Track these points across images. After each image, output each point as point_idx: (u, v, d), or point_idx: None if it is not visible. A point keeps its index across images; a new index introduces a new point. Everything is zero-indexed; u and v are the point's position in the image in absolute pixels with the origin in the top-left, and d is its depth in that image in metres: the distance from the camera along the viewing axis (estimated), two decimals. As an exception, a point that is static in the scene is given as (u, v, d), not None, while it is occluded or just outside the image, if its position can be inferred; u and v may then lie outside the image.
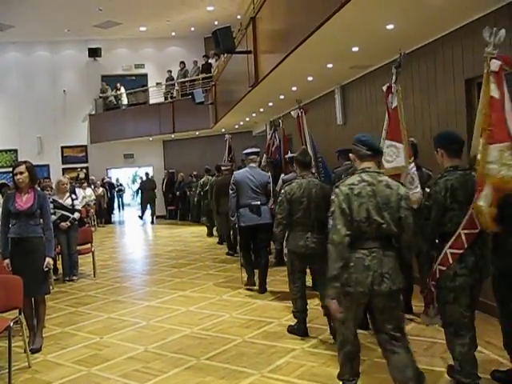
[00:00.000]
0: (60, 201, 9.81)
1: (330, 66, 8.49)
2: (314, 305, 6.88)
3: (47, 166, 22.21)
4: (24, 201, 5.77)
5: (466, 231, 3.90)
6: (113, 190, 22.56)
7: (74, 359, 5.44)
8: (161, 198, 21.08)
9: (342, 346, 3.96)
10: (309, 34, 6.66)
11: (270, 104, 12.90)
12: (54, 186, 10.48)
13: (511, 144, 3.79)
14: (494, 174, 3.77)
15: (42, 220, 5.89)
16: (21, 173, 5.76)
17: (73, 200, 9.96)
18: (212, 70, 18.78)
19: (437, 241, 4.13)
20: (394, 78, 5.48)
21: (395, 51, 7.51)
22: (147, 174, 21.04)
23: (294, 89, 10.62)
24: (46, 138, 22.18)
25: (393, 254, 3.75)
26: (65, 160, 22.64)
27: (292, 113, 8.69)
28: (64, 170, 21.99)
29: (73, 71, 22.69)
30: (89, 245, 10.32)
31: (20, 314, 5.41)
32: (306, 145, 8.12)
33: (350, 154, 4.05)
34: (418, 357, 4.09)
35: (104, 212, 20.74)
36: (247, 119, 16.23)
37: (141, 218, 20.89)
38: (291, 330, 5.89)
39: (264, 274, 7.97)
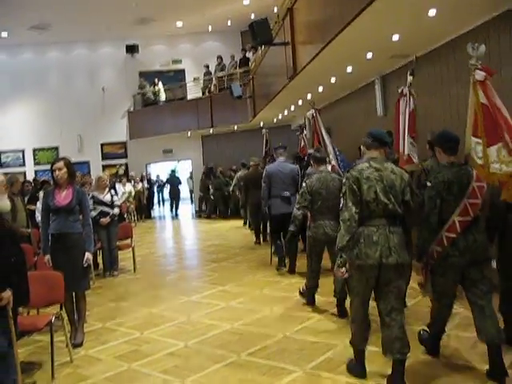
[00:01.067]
0: (99, 197, 9.85)
1: (369, 55, 8.31)
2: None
3: (87, 162, 22.50)
4: (63, 197, 5.78)
5: (459, 218, 4.38)
6: (153, 186, 22.71)
7: (115, 354, 5.43)
8: (197, 194, 21.19)
9: (355, 315, 4.46)
10: (347, 22, 6.54)
11: (309, 96, 12.74)
12: (93, 183, 10.50)
13: (505, 143, 4.36)
14: (498, 171, 4.41)
15: (81, 216, 5.91)
16: (59, 169, 5.77)
17: (112, 196, 9.98)
18: (249, 64, 18.69)
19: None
20: (409, 81, 6.21)
21: (438, 39, 7.38)
22: (173, 172, 21.19)
23: (333, 80, 10.47)
24: (86, 135, 22.46)
25: (399, 231, 4.24)
26: (104, 156, 22.89)
27: (307, 114, 9.51)
28: (104, 167, 22.27)
29: (111, 68, 22.92)
30: (129, 240, 10.36)
31: (61, 309, 5.42)
32: (325, 142, 8.61)
33: (361, 145, 4.62)
34: (461, 353, 4.63)
35: (144, 207, 20.90)
36: (285, 113, 16.10)
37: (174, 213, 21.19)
38: (302, 294, 6.88)
39: (293, 258, 8.64)
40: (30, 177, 20.67)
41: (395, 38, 7.13)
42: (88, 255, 5.82)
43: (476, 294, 4.39)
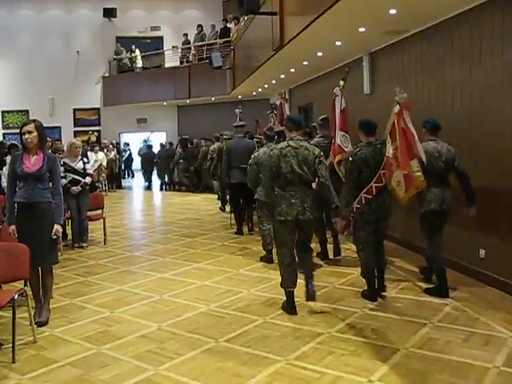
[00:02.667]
0: (71, 164, 9.39)
1: (362, 29, 7.90)
2: (338, 284, 6.54)
3: (59, 128, 21.91)
4: (32, 162, 5.31)
5: (375, 184, 5.81)
6: (121, 155, 22.03)
7: (83, 335, 5.05)
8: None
9: (284, 260, 5.59)
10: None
11: (292, 70, 12.34)
12: (65, 149, 9.97)
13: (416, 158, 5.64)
14: (419, 177, 5.59)
15: (51, 184, 5.47)
16: (29, 132, 5.29)
17: (84, 164, 9.53)
18: (231, 35, 18.18)
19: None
20: (339, 88, 7.61)
21: (438, 14, 7.02)
22: (145, 141, 20.65)
23: (320, 54, 10.07)
24: (58, 100, 21.83)
25: (311, 194, 5.56)
26: (77, 122, 22.31)
27: (276, 101, 10.89)
28: (76, 133, 21.67)
29: (87, 32, 22.23)
30: (100, 211, 9.94)
31: (26, 285, 5.03)
32: None
33: (284, 127, 6.15)
34: (456, 348, 4.54)
35: (116, 177, 20.34)
36: (266, 86, 15.66)
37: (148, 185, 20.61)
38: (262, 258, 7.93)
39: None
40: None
41: (392, 11, 6.75)
42: (57, 227, 5.38)
43: (378, 240, 6.03)
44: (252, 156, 7.89)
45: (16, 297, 4.61)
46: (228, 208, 12.02)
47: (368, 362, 4.28)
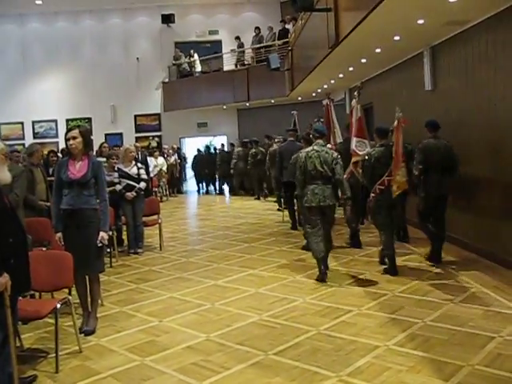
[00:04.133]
0: (125, 169, 9.34)
1: (421, 21, 7.46)
2: (398, 292, 6.16)
3: (120, 134, 22.19)
4: (77, 169, 5.22)
5: (387, 178, 6.95)
6: (183, 160, 22.01)
7: (128, 345, 4.89)
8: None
9: (310, 233, 7.04)
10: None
11: (351, 69, 11.94)
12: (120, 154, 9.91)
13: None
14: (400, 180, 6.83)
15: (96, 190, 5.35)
16: (74, 138, 5.19)
17: (139, 169, 9.46)
18: (289, 36, 17.91)
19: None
20: (355, 99, 8.95)
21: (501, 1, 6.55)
22: (208, 147, 20.54)
23: (378, 51, 9.66)
24: (120, 106, 22.10)
25: (330, 187, 6.92)
26: (138, 128, 22.49)
27: (323, 102, 11.33)
28: (137, 139, 21.83)
29: (146, 38, 22.40)
30: (155, 216, 9.85)
31: (70, 294, 4.91)
32: (335, 131, 10.46)
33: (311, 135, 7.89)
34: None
35: (176, 181, 20.40)
36: (325, 86, 15.27)
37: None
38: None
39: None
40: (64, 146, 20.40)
41: None
42: (103, 234, 5.25)
43: (396, 223, 7.39)
44: (292, 157, 9.07)
45: (59, 306, 4.48)
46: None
47: (428, 379, 3.90)
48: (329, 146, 8.91)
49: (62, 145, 21.07)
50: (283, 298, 6.21)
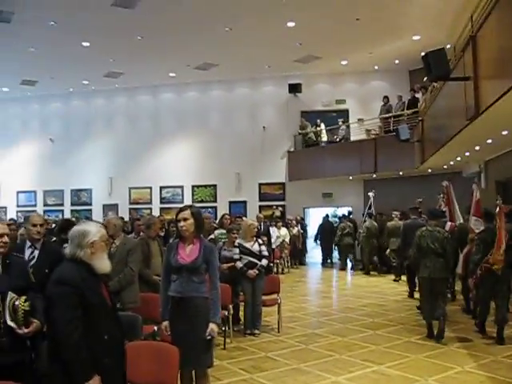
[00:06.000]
0: (246, 245, 8.93)
1: None
2: None
3: (244, 202, 22.21)
4: (188, 253, 4.82)
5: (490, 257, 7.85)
6: (306, 230, 21.43)
7: None
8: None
9: (424, 304, 8.55)
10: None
11: (489, 141, 11.02)
12: (241, 229, 9.51)
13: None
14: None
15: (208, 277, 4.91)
16: (185, 219, 4.82)
17: (260, 245, 9.00)
18: (418, 105, 17.18)
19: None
20: (476, 184, 10.55)
21: None
22: (327, 216, 19.91)
23: (523, 122, 8.77)
24: (244, 175, 22.18)
25: (441, 261, 8.03)
26: (262, 197, 22.36)
27: (443, 183, 12.22)
28: (261, 207, 21.75)
29: (272, 107, 22.53)
30: (275, 295, 9.29)
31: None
32: (455, 212, 11.53)
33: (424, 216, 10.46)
34: None
35: (298, 253, 19.86)
36: (458, 158, 14.32)
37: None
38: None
39: None
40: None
41: None
42: (213, 326, 4.77)
43: (498, 297, 7.95)
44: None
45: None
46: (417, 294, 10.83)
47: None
48: (449, 224, 11.11)
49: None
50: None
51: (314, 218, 22.80)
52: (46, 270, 4.84)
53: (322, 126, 21.29)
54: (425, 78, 14.28)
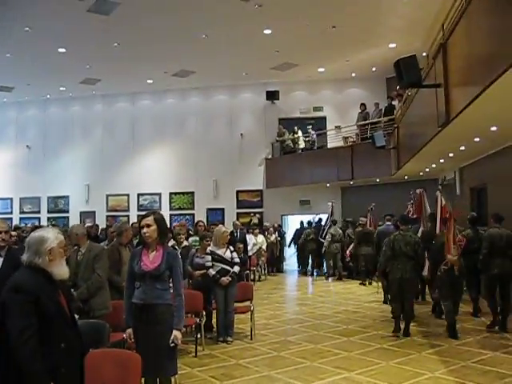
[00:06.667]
0: (219, 252, 8.88)
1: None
2: None
3: (222, 209, 22.20)
4: (151, 260, 4.78)
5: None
6: (283, 237, 21.28)
7: None
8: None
9: (392, 302, 9.48)
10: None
11: (462, 148, 11.11)
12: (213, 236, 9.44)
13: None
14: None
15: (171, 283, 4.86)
16: (148, 225, 4.79)
17: (231, 252, 8.96)
18: (395, 113, 17.30)
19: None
20: (439, 191, 10.25)
21: None
22: (302, 223, 19.91)
23: (494, 129, 8.84)
24: (222, 182, 22.21)
25: (411, 263, 8.82)
26: (240, 204, 22.33)
27: (417, 190, 12.35)
28: (238, 215, 21.70)
29: (250, 114, 22.59)
30: (248, 302, 9.24)
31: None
32: (425, 217, 11.54)
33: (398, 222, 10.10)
34: None
35: (276, 260, 19.82)
36: (433, 165, 14.43)
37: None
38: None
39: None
40: (166, 220, 20.54)
41: None
42: (176, 333, 4.71)
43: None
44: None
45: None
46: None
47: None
48: (421, 229, 11.43)
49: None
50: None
51: (293, 225, 22.74)
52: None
53: (300, 132, 21.35)
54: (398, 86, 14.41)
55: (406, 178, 17.15)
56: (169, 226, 15.21)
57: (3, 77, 20.43)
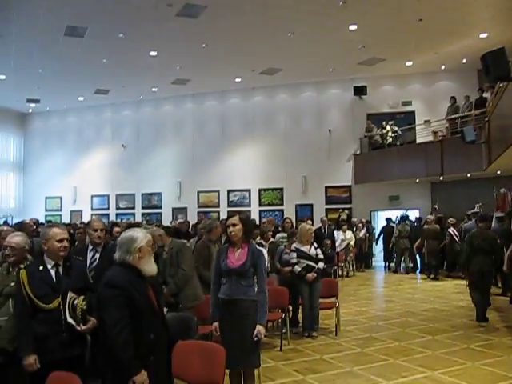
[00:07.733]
0: (303, 249, 9.05)
1: None
2: None
3: (311, 205, 22.28)
4: (236, 257, 5.04)
5: None
6: (372, 234, 21.11)
7: None
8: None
9: (475, 295, 9.92)
10: None
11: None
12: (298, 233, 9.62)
13: None
14: None
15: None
16: (233, 225, 5.05)
17: (316, 248, 9.11)
18: (486, 105, 16.76)
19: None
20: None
21: None
22: (389, 220, 19.66)
23: None
24: (311, 178, 22.29)
25: (489, 257, 9.53)
26: (328, 200, 22.33)
27: (501, 190, 13.27)
28: (327, 210, 21.75)
29: (338, 110, 22.54)
30: (333, 298, 9.37)
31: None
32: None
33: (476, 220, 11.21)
34: None
35: (364, 256, 19.75)
36: (527, 160, 13.90)
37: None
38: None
39: None
40: (256, 216, 20.97)
41: None
42: (259, 328, 4.95)
43: None
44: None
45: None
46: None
47: None
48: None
49: (253, 213, 21.74)
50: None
51: (382, 222, 22.49)
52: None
53: (388, 127, 21.05)
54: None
55: (498, 172, 16.60)
56: (258, 222, 15.63)
57: (100, 80, 21.48)
